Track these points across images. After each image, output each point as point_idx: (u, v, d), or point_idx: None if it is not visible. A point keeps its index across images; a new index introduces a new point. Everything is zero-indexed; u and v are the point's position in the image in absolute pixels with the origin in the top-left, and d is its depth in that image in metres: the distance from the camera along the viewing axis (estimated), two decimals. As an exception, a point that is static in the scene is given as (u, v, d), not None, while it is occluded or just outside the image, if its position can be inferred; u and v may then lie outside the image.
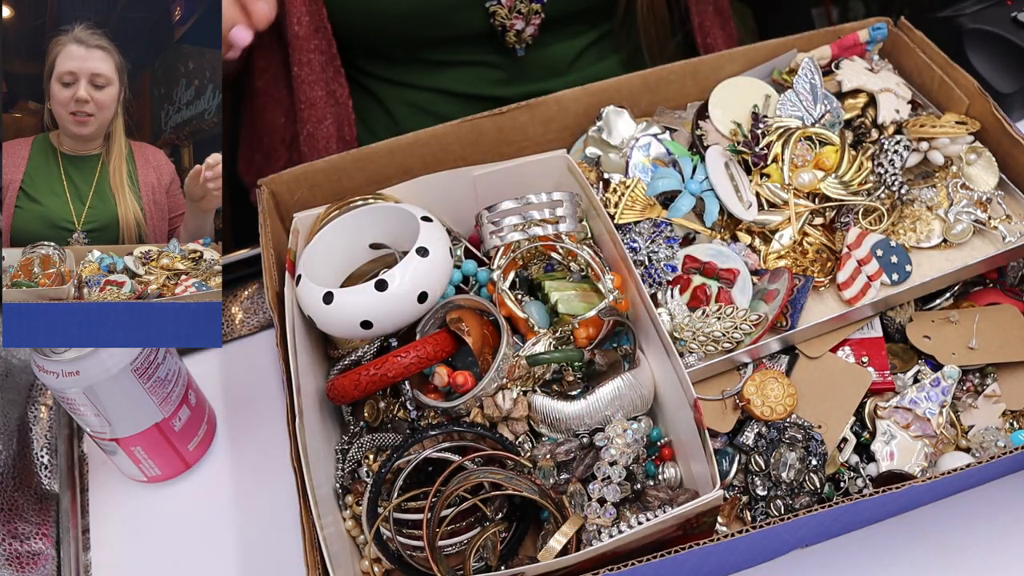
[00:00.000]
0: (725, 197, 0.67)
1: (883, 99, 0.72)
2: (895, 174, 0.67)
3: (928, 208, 0.68)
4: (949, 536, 0.61)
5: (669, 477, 0.60)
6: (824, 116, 0.72)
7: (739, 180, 0.69)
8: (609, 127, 0.74)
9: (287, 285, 0.64)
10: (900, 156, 0.68)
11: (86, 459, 0.71)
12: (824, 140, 0.70)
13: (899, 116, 0.72)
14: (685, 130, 0.75)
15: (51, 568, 0.64)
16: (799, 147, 0.69)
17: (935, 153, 0.70)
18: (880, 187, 0.68)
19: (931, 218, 0.67)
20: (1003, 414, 0.62)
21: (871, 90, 0.73)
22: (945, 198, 0.68)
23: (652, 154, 0.72)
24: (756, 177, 0.69)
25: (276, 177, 0.71)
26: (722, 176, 0.68)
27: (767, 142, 0.69)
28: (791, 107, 0.72)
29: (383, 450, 0.62)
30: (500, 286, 0.63)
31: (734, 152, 0.70)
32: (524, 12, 0.83)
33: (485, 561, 0.57)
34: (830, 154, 0.69)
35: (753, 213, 0.67)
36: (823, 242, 0.67)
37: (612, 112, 0.74)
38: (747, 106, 0.73)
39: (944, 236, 0.67)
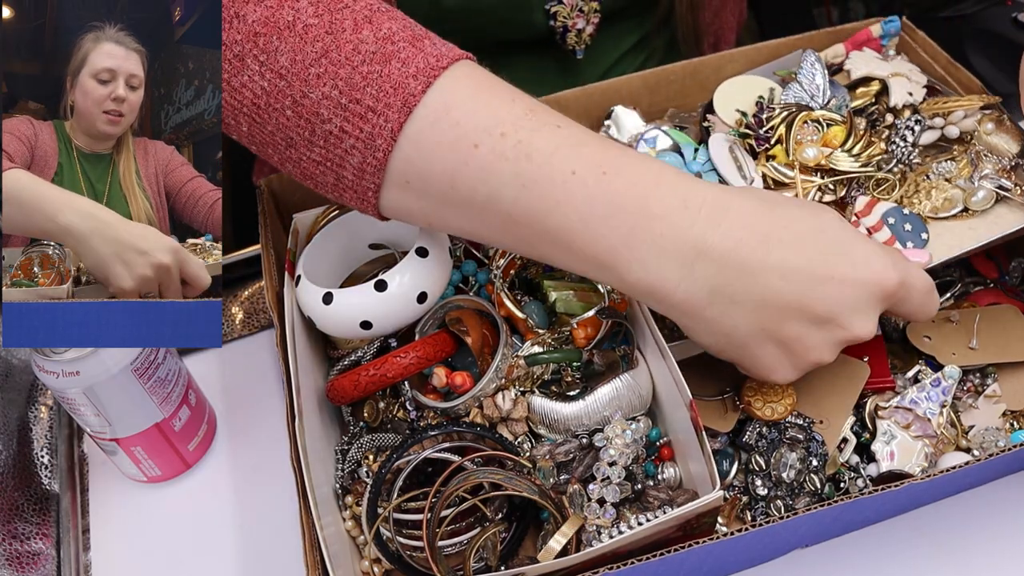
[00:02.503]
0: (727, 174, 0.66)
1: (895, 83, 0.70)
2: (908, 148, 0.64)
3: (947, 180, 0.64)
4: (949, 536, 0.61)
5: (669, 477, 0.60)
6: (830, 102, 0.70)
7: (743, 161, 0.67)
8: (619, 125, 0.74)
9: (287, 285, 0.64)
10: (912, 131, 0.65)
11: (86, 459, 0.72)
12: (831, 122, 0.67)
13: (913, 99, 0.69)
14: (695, 128, 0.74)
15: (51, 568, 0.64)
16: (805, 128, 0.67)
17: (951, 128, 0.67)
18: (893, 160, 0.65)
19: (949, 187, 0.64)
20: (1003, 414, 0.62)
21: (881, 76, 0.71)
22: (966, 166, 0.65)
23: (659, 147, 0.71)
24: (762, 160, 0.68)
25: (276, 177, 0.71)
26: (725, 157, 0.67)
27: (771, 125, 0.68)
28: (796, 97, 0.71)
29: (383, 450, 0.62)
30: (499, 286, 0.63)
31: (738, 136, 0.69)
32: (585, 11, 0.82)
33: (485, 561, 0.57)
34: (837, 133, 0.67)
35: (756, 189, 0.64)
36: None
37: (622, 111, 0.75)
38: (752, 100, 0.72)
39: (965, 204, 0.62)
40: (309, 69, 0.48)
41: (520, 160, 0.48)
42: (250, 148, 0.53)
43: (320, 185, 0.52)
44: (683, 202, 0.49)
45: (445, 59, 0.49)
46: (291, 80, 0.48)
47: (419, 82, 0.47)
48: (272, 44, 0.48)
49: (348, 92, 0.47)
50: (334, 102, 0.48)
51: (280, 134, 0.50)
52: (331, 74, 0.48)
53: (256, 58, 0.48)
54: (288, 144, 0.50)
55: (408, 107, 0.47)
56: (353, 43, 0.48)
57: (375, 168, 0.49)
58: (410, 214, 0.52)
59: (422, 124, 0.48)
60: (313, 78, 0.48)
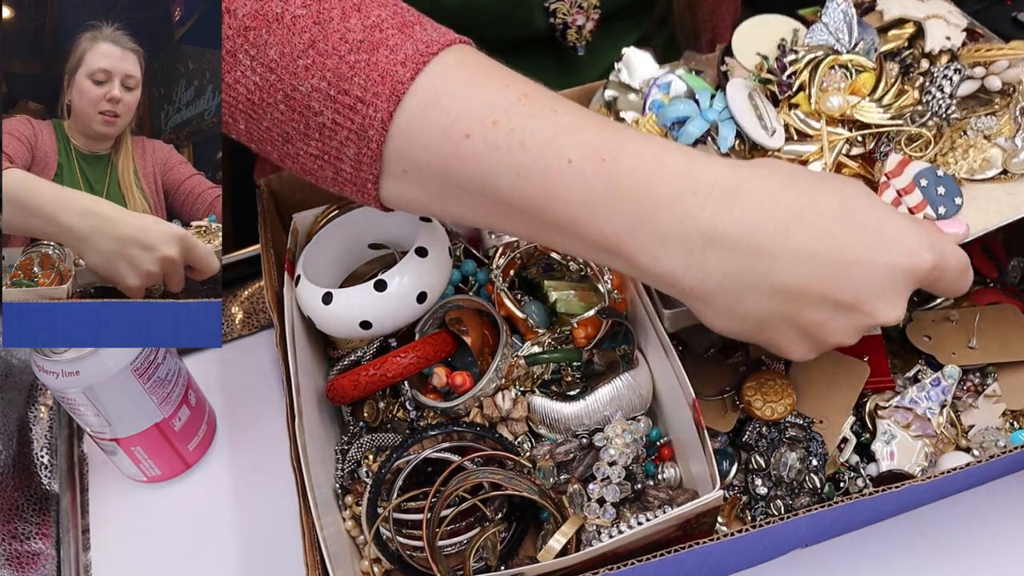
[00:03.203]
0: (746, 123, 0.60)
1: (931, 25, 0.62)
2: (945, 99, 0.59)
3: (985, 137, 0.59)
4: (949, 536, 0.61)
5: (669, 477, 0.60)
6: (858, 45, 0.63)
7: (763, 109, 0.61)
8: (630, 69, 0.69)
9: (287, 285, 0.64)
10: (950, 81, 0.59)
11: (86, 459, 0.71)
12: (860, 67, 0.61)
13: (951, 44, 0.61)
14: (713, 72, 0.69)
15: (51, 568, 0.64)
16: (831, 74, 0.61)
17: (992, 79, 0.60)
18: (928, 114, 0.59)
19: (988, 147, 0.58)
20: (1003, 414, 0.62)
21: (917, 17, 0.63)
22: (1009, 123, 0.59)
23: (673, 92, 0.66)
24: (784, 108, 0.61)
25: (276, 177, 0.71)
26: (743, 104, 0.61)
27: (794, 70, 0.61)
28: (820, 39, 0.64)
29: (383, 450, 0.62)
30: (499, 286, 0.63)
31: (759, 81, 0.63)
32: (584, 7, 0.82)
33: (485, 561, 0.57)
34: (867, 80, 0.60)
35: (779, 140, 0.60)
36: (862, 175, 0.60)
37: (633, 53, 0.69)
38: (775, 43, 0.66)
39: (1004, 166, 0.57)
40: (297, 61, 0.47)
41: (514, 149, 0.46)
42: (250, 146, 0.53)
43: (320, 179, 0.51)
44: (690, 187, 0.46)
45: (436, 44, 0.47)
46: (281, 73, 0.47)
47: (408, 69, 0.46)
48: (261, 38, 0.47)
49: (336, 83, 0.46)
50: (323, 94, 0.47)
51: (276, 129, 0.49)
52: (319, 65, 0.47)
53: (247, 53, 0.48)
54: (285, 139, 0.49)
55: (397, 96, 0.46)
56: (340, 32, 0.47)
57: (371, 159, 0.47)
58: (411, 204, 0.50)
59: (412, 113, 0.46)
60: (302, 70, 0.47)
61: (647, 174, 0.46)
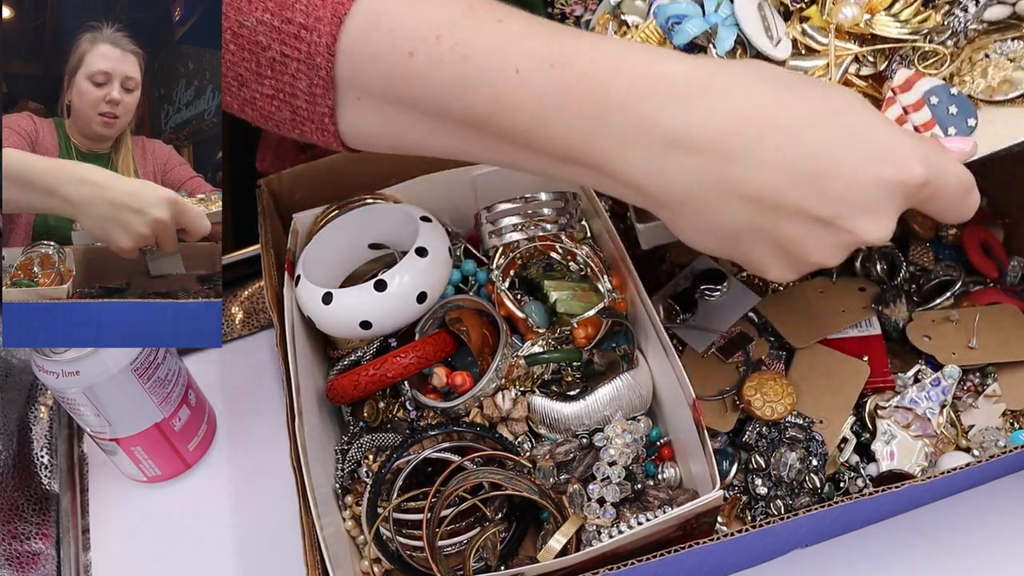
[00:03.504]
0: (751, 32, 0.55)
1: None
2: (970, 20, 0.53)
3: (1010, 60, 0.53)
4: (949, 536, 0.61)
5: (669, 477, 0.60)
6: None
7: (772, 20, 0.57)
8: None
9: (287, 285, 0.64)
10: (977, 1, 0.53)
11: (86, 459, 0.72)
12: None
13: None
14: None
15: (51, 568, 0.64)
16: None
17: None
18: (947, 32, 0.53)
19: (1011, 67, 0.53)
20: (1003, 414, 0.62)
21: None
22: None
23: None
24: (795, 21, 0.57)
25: (276, 177, 0.71)
26: (751, 13, 0.56)
27: None
28: None
29: (383, 450, 0.62)
30: (499, 286, 0.63)
31: None
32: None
33: (485, 561, 0.57)
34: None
35: (784, 51, 0.55)
36: (871, 95, 0.55)
37: None
38: None
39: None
40: None
41: (458, 63, 0.44)
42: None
43: (280, 123, 0.49)
44: (649, 87, 0.43)
45: None
46: (227, 11, 0.46)
47: None
48: None
49: (279, 12, 0.45)
50: (268, 26, 0.45)
51: (231, 73, 0.48)
52: None
53: None
54: (240, 83, 0.48)
55: (338, 17, 0.44)
56: None
57: (324, 89, 0.46)
58: (371, 138, 0.49)
59: (355, 35, 0.45)
60: (245, 4, 0.45)
61: (601, 77, 0.44)
